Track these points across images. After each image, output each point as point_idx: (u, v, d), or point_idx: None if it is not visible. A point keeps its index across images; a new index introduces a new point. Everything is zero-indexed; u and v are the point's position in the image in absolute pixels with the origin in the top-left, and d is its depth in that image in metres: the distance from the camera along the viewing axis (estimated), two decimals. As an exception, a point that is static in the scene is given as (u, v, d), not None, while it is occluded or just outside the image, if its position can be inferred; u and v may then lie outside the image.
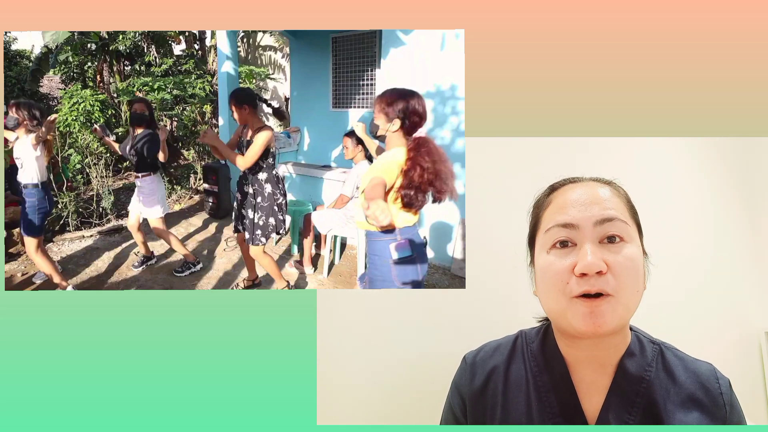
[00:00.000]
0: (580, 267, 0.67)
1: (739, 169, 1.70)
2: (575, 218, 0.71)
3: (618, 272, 0.67)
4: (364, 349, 1.29)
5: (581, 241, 0.70)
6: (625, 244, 0.70)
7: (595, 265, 0.66)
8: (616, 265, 0.68)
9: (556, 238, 0.72)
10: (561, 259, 0.71)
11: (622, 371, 0.74)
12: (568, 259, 0.70)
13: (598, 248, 0.69)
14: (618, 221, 0.70)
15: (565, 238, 0.71)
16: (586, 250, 0.68)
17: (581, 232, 0.70)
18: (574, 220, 0.71)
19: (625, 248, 0.69)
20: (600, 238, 0.70)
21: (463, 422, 0.84)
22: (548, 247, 0.73)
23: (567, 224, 0.71)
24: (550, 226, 0.73)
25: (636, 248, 0.71)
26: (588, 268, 0.67)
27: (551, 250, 0.73)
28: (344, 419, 1.25)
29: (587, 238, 0.69)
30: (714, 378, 0.74)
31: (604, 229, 0.70)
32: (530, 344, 0.83)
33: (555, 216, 0.74)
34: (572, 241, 0.71)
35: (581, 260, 0.68)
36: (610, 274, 0.67)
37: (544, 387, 0.77)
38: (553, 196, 0.78)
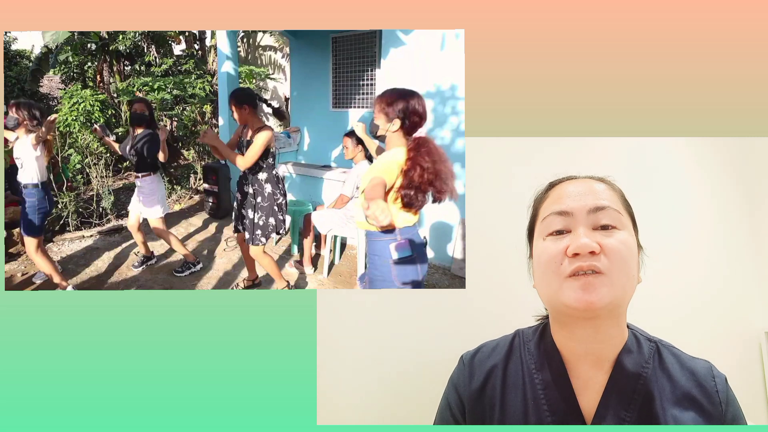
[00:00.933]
0: (573, 247, 0.70)
1: (739, 169, 1.70)
2: (570, 206, 0.74)
3: (610, 254, 0.70)
4: (364, 349, 1.29)
5: (575, 227, 0.73)
6: (618, 231, 0.72)
7: (588, 245, 0.69)
8: (608, 247, 0.70)
9: (552, 226, 0.75)
10: (555, 243, 0.74)
11: (620, 368, 0.74)
12: (562, 242, 0.73)
13: (591, 233, 0.72)
14: (611, 209, 0.73)
15: (561, 227, 0.74)
16: (579, 233, 0.71)
17: (575, 219, 0.73)
18: (569, 208, 0.74)
19: (618, 234, 0.72)
20: (593, 225, 0.72)
21: (461, 421, 0.84)
22: (545, 235, 0.76)
23: (562, 212, 0.74)
24: (547, 215, 0.77)
25: (629, 236, 0.73)
26: (581, 248, 0.69)
27: (548, 237, 0.76)
28: (344, 419, 1.25)
29: (581, 224, 0.72)
30: (710, 376, 0.75)
31: (596, 217, 0.72)
32: (527, 343, 0.84)
33: (551, 206, 0.77)
34: (567, 229, 0.74)
35: (574, 241, 0.71)
36: (603, 255, 0.70)
37: (542, 385, 0.77)
38: (551, 191, 0.81)
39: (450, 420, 0.85)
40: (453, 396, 0.86)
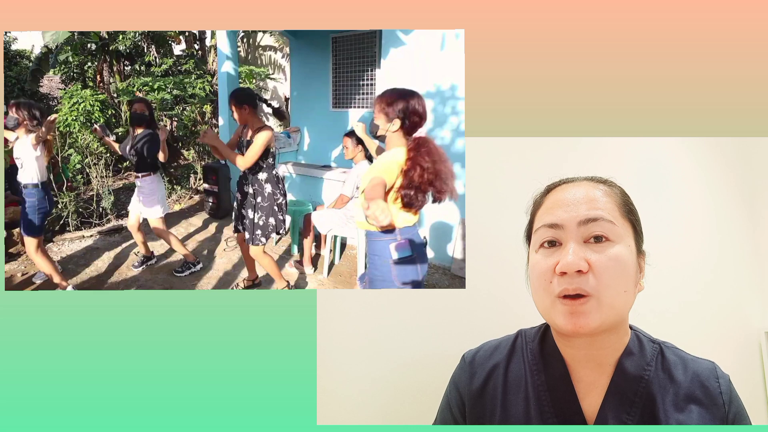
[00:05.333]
0: (560, 266, 0.69)
1: (739, 169, 1.70)
2: (560, 218, 0.73)
3: (600, 272, 0.68)
4: (364, 349, 1.29)
5: (566, 240, 0.71)
6: (611, 244, 0.70)
7: (575, 264, 0.68)
8: (598, 265, 0.68)
9: (543, 238, 0.74)
10: (546, 259, 0.72)
11: (621, 371, 0.74)
12: (552, 258, 0.72)
13: (582, 248, 0.70)
14: (603, 221, 0.71)
15: (552, 238, 0.73)
16: (568, 250, 0.70)
17: (566, 231, 0.72)
18: (560, 221, 0.73)
19: (611, 248, 0.70)
20: (585, 237, 0.71)
21: (461, 421, 0.84)
22: (537, 247, 0.75)
23: (552, 224, 0.73)
24: (539, 227, 0.76)
25: (624, 248, 0.71)
26: (567, 267, 0.68)
27: (539, 249, 0.75)
28: (344, 419, 1.25)
29: (571, 238, 0.71)
30: (714, 377, 0.74)
31: (588, 229, 0.71)
32: (529, 344, 0.83)
33: (543, 216, 0.76)
34: (559, 241, 0.72)
35: (562, 259, 0.69)
36: (591, 274, 0.68)
37: (543, 386, 0.77)
38: (548, 196, 0.79)
39: (450, 420, 0.85)
40: (454, 395, 0.86)
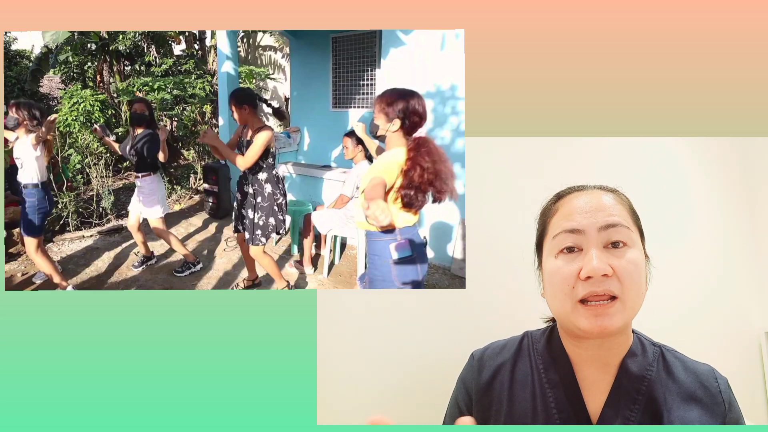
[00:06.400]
0: (586, 270, 0.70)
1: (739, 169, 1.70)
2: (581, 224, 0.74)
3: (622, 276, 0.70)
4: (364, 349, 1.29)
5: (587, 246, 0.73)
6: (628, 249, 0.73)
7: (601, 269, 0.70)
8: (620, 269, 0.71)
9: (563, 243, 0.75)
10: (568, 264, 0.74)
11: (625, 370, 0.76)
12: (574, 264, 0.73)
13: (603, 253, 0.72)
14: (621, 227, 0.73)
15: (572, 244, 0.74)
16: (592, 255, 0.71)
17: (587, 237, 0.73)
18: (580, 226, 0.74)
19: (629, 252, 0.72)
20: (605, 243, 0.73)
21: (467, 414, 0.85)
22: (556, 252, 0.76)
23: (573, 230, 0.74)
24: (558, 232, 0.77)
25: (638, 252, 0.74)
26: (594, 272, 0.70)
27: (559, 255, 0.76)
28: (344, 419, 1.25)
29: (592, 243, 0.73)
30: (713, 377, 0.77)
31: (608, 235, 0.73)
32: (536, 344, 0.86)
33: (562, 223, 0.77)
34: (578, 247, 0.74)
35: (587, 264, 0.71)
36: (615, 278, 0.70)
37: (549, 384, 0.80)
38: (560, 204, 0.81)
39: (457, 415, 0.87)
40: (461, 391, 0.89)
